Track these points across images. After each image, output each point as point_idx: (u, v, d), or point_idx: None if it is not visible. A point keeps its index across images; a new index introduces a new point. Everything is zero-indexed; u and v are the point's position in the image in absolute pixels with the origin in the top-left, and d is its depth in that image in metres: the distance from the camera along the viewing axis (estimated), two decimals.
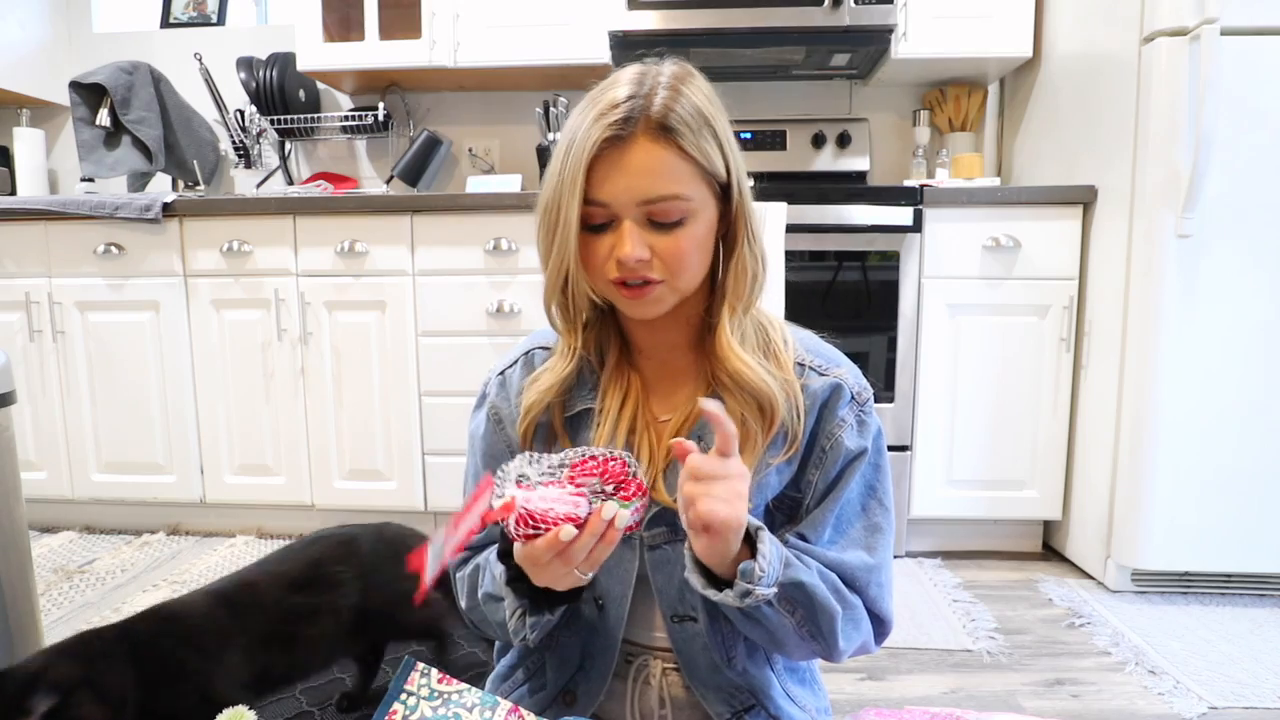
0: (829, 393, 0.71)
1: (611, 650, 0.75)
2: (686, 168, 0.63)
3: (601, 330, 0.73)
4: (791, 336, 0.74)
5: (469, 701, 0.68)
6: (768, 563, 0.60)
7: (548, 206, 0.65)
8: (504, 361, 0.79)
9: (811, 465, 0.71)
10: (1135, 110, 1.67)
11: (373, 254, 2.00)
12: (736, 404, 0.68)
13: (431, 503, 2.07)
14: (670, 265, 0.64)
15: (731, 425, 0.58)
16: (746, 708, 0.74)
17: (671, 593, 0.72)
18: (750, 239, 0.69)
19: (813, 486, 0.71)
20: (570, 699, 0.76)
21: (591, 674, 0.76)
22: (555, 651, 0.77)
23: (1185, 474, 1.68)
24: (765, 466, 0.70)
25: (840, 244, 1.91)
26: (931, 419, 1.95)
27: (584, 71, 2.28)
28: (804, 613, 0.66)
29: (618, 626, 0.74)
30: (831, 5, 2.03)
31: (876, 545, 0.71)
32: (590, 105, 0.64)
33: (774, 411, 0.68)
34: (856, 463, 0.70)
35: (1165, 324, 1.65)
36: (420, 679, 0.69)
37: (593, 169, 0.62)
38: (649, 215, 0.63)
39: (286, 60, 2.39)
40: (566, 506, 0.58)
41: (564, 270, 0.66)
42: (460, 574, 0.78)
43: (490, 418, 0.77)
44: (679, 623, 0.73)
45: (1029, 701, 1.34)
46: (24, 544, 0.99)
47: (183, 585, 1.83)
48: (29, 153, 2.49)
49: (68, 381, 2.11)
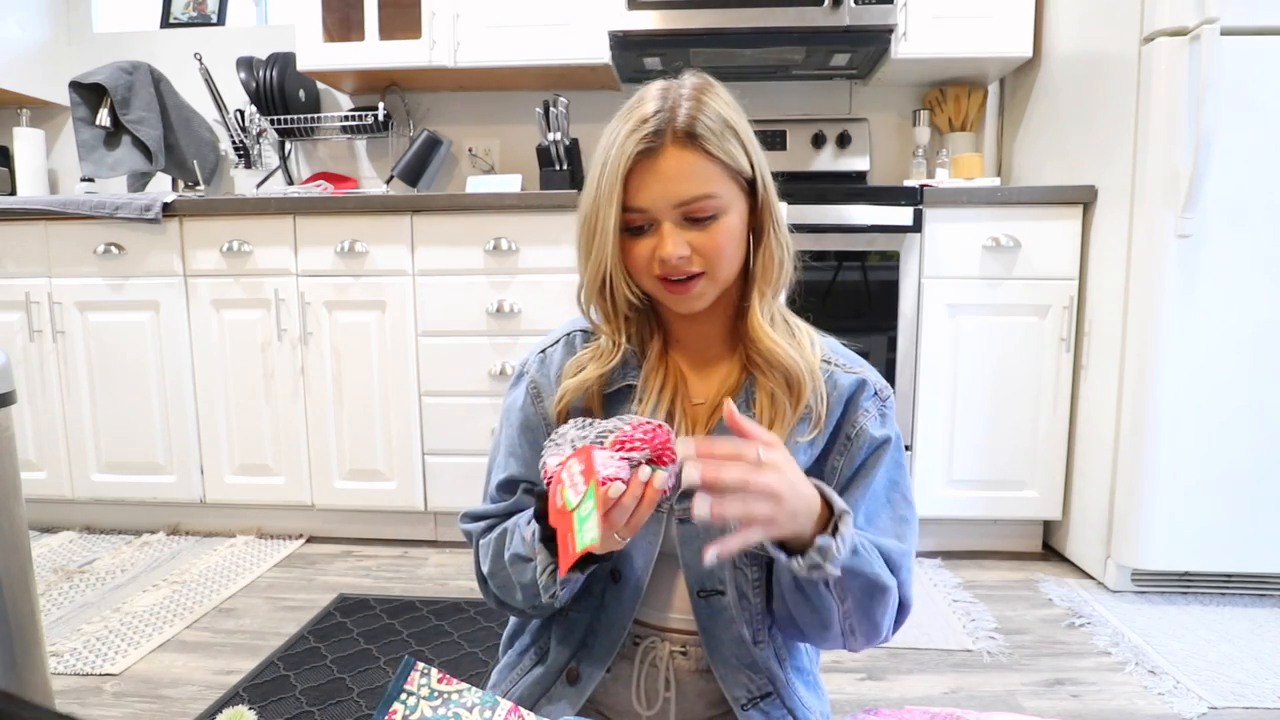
0: (855, 387, 0.75)
1: (621, 626, 0.76)
2: (714, 169, 0.69)
3: (641, 324, 0.78)
4: (817, 339, 0.79)
5: (469, 701, 0.68)
6: (845, 544, 0.62)
7: (587, 216, 0.72)
8: (545, 341, 0.83)
9: (835, 453, 0.75)
10: (1135, 110, 1.67)
11: (373, 254, 2.00)
12: (767, 380, 0.73)
13: (431, 503, 2.07)
14: (709, 258, 0.70)
15: (748, 424, 0.61)
16: (764, 694, 0.75)
17: (699, 567, 0.73)
18: (776, 228, 0.75)
19: (837, 473, 0.75)
20: (573, 676, 0.77)
21: (595, 650, 0.76)
22: (563, 625, 0.78)
23: (1185, 474, 1.68)
24: (793, 444, 0.73)
25: (840, 244, 1.91)
26: (931, 419, 1.95)
27: (584, 71, 2.28)
28: (854, 602, 0.69)
29: (633, 601, 0.75)
30: (831, 5, 2.03)
31: (905, 534, 0.74)
32: (621, 122, 0.70)
33: (801, 387, 0.73)
34: (881, 451, 0.74)
35: (1165, 324, 1.65)
36: (420, 679, 0.69)
37: (629, 179, 0.68)
38: (685, 215, 0.69)
39: (286, 60, 2.39)
40: (612, 469, 0.61)
41: (603, 272, 0.72)
42: (485, 540, 0.79)
43: (529, 391, 0.80)
44: (705, 598, 0.74)
45: (1029, 701, 1.34)
46: (24, 544, 0.99)
47: (182, 585, 1.83)
48: (29, 153, 2.49)
49: (68, 381, 2.11)
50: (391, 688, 0.68)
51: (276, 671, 1.41)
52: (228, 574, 1.90)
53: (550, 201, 1.95)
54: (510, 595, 0.77)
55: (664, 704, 0.77)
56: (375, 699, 1.31)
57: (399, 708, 0.67)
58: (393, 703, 0.67)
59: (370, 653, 1.49)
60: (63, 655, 1.49)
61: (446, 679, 0.69)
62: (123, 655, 1.50)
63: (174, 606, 1.72)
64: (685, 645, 0.77)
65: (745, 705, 0.75)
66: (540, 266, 1.97)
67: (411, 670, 0.69)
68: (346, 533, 2.17)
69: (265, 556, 2.01)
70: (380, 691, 1.33)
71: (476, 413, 2.02)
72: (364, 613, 1.66)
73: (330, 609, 1.68)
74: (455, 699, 0.68)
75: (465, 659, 1.47)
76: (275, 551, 2.05)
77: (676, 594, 0.76)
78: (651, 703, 0.77)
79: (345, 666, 1.43)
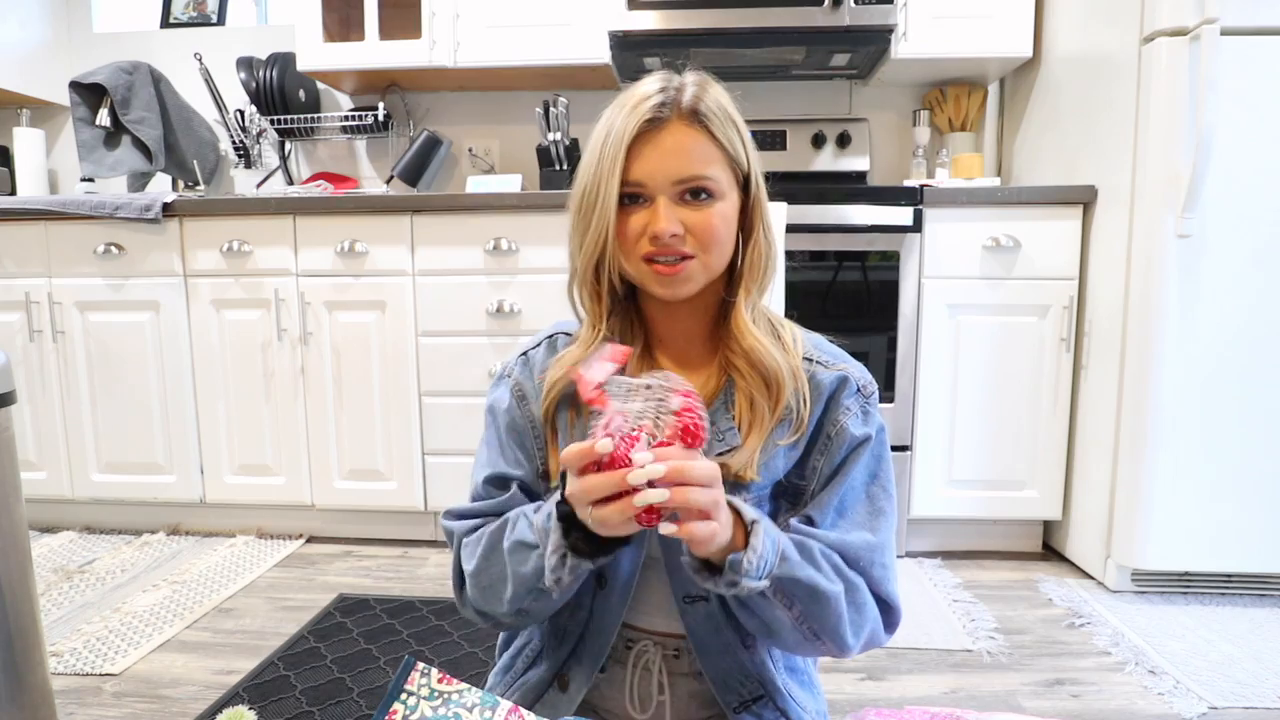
0: (836, 384, 0.74)
1: (608, 632, 0.75)
2: (715, 152, 0.69)
3: (624, 320, 0.77)
4: (801, 335, 0.78)
5: (469, 701, 0.68)
6: (758, 556, 0.61)
7: (585, 190, 0.70)
8: (528, 343, 0.82)
9: (816, 452, 0.74)
10: (1135, 110, 1.67)
11: (373, 254, 2.00)
12: (746, 383, 0.72)
13: (431, 503, 2.07)
14: (702, 239, 0.69)
15: (692, 528, 0.57)
16: (755, 697, 0.75)
17: (682, 574, 0.72)
18: (765, 229, 0.75)
19: (818, 472, 0.74)
20: (564, 683, 0.77)
21: (584, 657, 0.76)
22: (554, 632, 0.78)
23: (1185, 474, 1.68)
24: (773, 447, 0.72)
25: (840, 244, 1.91)
26: (931, 419, 1.95)
27: (584, 71, 2.28)
28: (803, 608, 0.67)
29: (620, 607, 0.75)
30: (831, 5, 2.03)
31: (879, 526, 0.72)
32: (623, 103, 0.69)
33: (780, 388, 0.71)
34: (861, 449, 0.73)
35: (1165, 324, 1.65)
36: (420, 679, 0.69)
37: (630, 151, 0.67)
38: (682, 193, 0.68)
39: (286, 60, 2.39)
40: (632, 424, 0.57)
41: (600, 246, 0.69)
42: (470, 538, 0.75)
43: (514, 393, 0.79)
44: (691, 604, 0.74)
45: (1029, 701, 1.34)
46: (24, 544, 0.99)
47: (182, 585, 1.83)
48: (29, 153, 2.49)
49: (68, 381, 2.11)
50: (392, 688, 0.68)
51: (276, 671, 1.41)
52: (228, 574, 1.90)
53: (550, 201, 1.95)
54: (494, 597, 0.72)
55: (658, 707, 0.77)
56: (375, 699, 1.31)
57: (399, 708, 0.67)
58: (393, 703, 0.67)
59: (370, 653, 1.49)
60: (63, 655, 1.49)
61: (446, 679, 0.69)
62: (123, 655, 1.50)
63: (174, 606, 1.72)
64: (677, 649, 0.77)
65: (736, 709, 0.75)
66: (540, 266, 1.97)
67: (411, 670, 0.69)
68: (346, 533, 2.16)
69: (265, 556, 2.01)
70: (380, 691, 1.33)
71: (476, 413, 2.02)
72: (364, 613, 1.66)
73: (330, 609, 1.68)
74: (455, 699, 0.68)
75: (465, 659, 1.47)
76: (275, 551, 2.05)
77: (665, 599, 0.75)
78: (645, 706, 0.77)
79: (345, 666, 1.43)
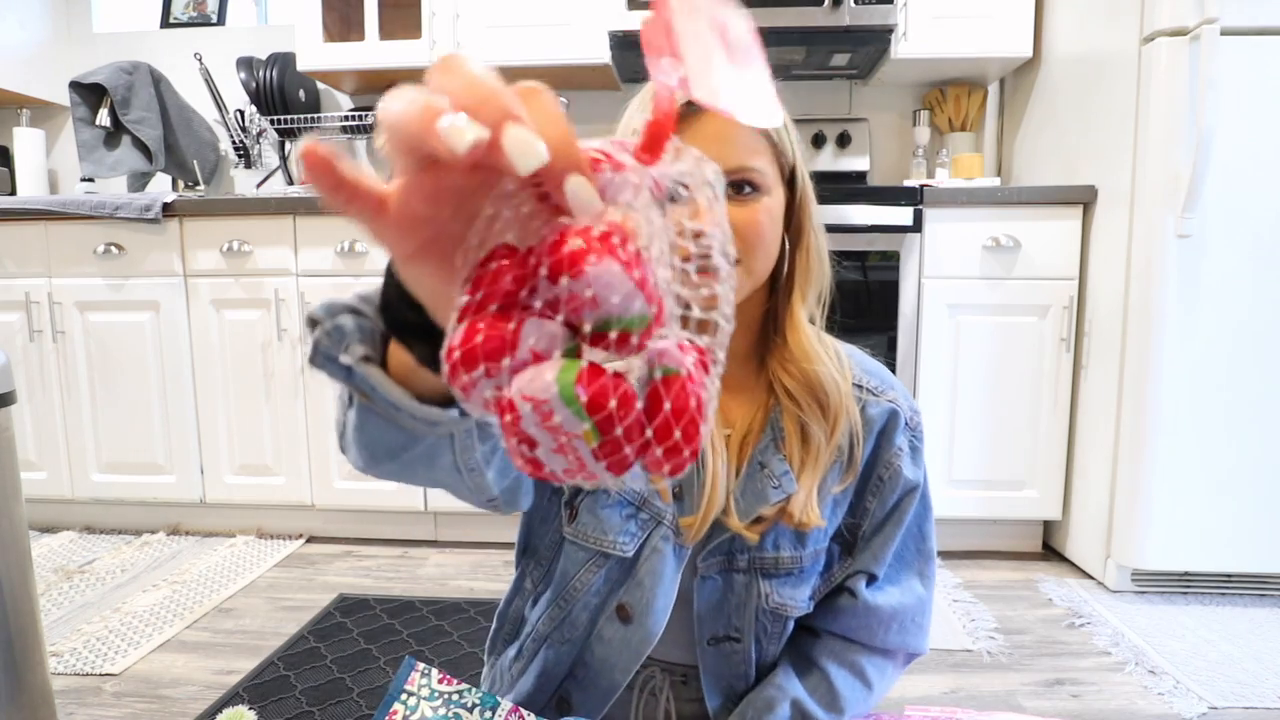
0: (886, 419, 0.70)
1: (625, 670, 0.70)
2: (763, 142, 0.61)
3: None
4: (844, 352, 0.71)
5: (469, 701, 0.68)
6: None
7: None
8: None
9: (869, 493, 0.71)
10: (1135, 110, 1.67)
11: (373, 254, 1.99)
12: (797, 408, 0.66)
13: (431, 503, 2.07)
14: (748, 239, 0.60)
15: None
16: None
17: (712, 617, 0.70)
18: (815, 230, 0.68)
19: (870, 514, 0.71)
20: (565, 707, 0.74)
21: (591, 690, 0.72)
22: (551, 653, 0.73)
23: (1185, 474, 1.68)
24: (824, 497, 0.67)
25: (840, 244, 1.91)
26: (931, 419, 1.95)
27: (584, 71, 2.28)
28: None
29: (643, 648, 0.69)
30: (831, 5, 2.03)
31: (928, 573, 0.72)
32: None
33: (838, 416, 0.65)
34: (912, 495, 0.71)
35: (1165, 324, 1.65)
36: (420, 679, 0.69)
37: None
38: (728, 184, 0.60)
39: (286, 60, 2.39)
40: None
41: None
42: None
43: None
44: (715, 644, 0.71)
45: (1029, 701, 1.34)
46: (24, 544, 0.99)
47: (182, 585, 1.83)
48: (29, 153, 2.49)
49: (68, 381, 2.11)
50: (392, 688, 0.68)
51: (276, 671, 1.41)
52: (228, 574, 1.90)
53: None
54: (364, 439, 0.45)
55: None
56: (375, 699, 1.31)
57: (399, 708, 0.67)
58: (393, 703, 0.67)
59: (370, 653, 1.49)
60: (63, 655, 1.49)
61: (447, 679, 0.69)
62: (123, 655, 1.50)
63: (174, 606, 1.72)
64: (685, 676, 0.75)
65: None
66: None
67: (412, 670, 0.69)
68: (346, 533, 2.16)
69: (265, 556, 2.01)
70: (380, 691, 1.33)
71: None
72: (364, 613, 1.66)
73: (330, 609, 1.68)
74: (455, 699, 0.68)
75: (465, 659, 1.47)
76: (275, 551, 2.05)
77: (684, 636, 0.72)
78: None
79: (345, 666, 1.43)
